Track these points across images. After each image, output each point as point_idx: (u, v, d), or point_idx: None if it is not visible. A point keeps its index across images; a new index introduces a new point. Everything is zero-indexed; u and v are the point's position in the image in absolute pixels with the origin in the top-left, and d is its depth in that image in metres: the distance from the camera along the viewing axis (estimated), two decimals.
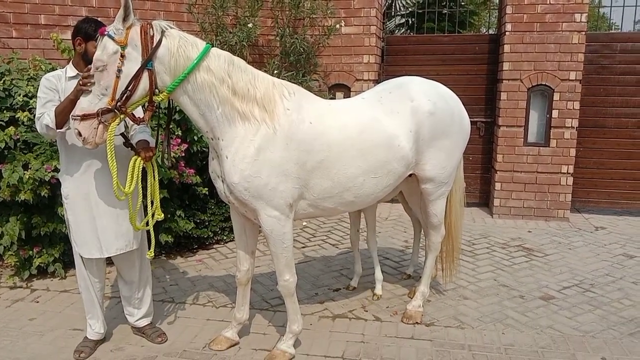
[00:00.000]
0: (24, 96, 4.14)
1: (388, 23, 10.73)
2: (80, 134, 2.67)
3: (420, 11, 8.18)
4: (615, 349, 3.40)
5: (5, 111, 4.18)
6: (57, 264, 4.48)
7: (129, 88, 2.63)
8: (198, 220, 5.15)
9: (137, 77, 2.63)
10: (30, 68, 4.58)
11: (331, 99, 6.31)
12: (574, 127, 6.22)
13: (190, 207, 5.17)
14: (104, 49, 2.60)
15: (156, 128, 3.14)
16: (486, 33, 7.18)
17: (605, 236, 5.88)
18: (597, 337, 3.55)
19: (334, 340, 3.51)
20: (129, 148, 2.99)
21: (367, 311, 3.96)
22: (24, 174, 3.94)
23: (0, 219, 4.26)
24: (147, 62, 2.62)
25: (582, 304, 4.08)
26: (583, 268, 4.87)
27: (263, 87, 2.86)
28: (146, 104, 2.77)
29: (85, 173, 3.06)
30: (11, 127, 4.10)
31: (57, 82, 3.02)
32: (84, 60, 2.99)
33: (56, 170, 3.86)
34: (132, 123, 2.99)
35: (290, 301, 3.21)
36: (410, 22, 11.01)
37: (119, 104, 2.64)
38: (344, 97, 6.65)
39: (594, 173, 6.64)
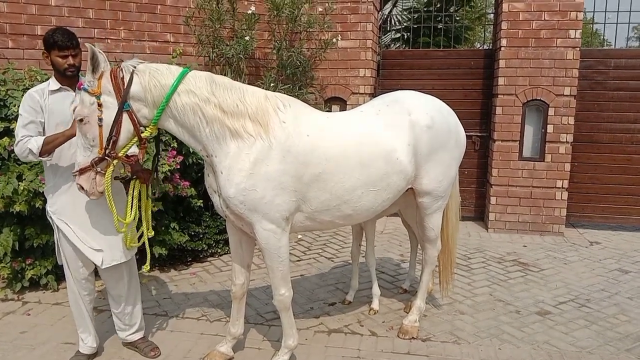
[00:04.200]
0: (19, 107, 4.10)
1: (383, 37, 10.79)
2: (82, 188, 2.76)
3: (416, 26, 8.22)
4: None
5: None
6: (50, 276, 4.42)
7: (113, 133, 2.70)
8: (192, 233, 5.12)
9: (117, 121, 2.69)
10: (25, 78, 4.56)
11: (327, 112, 6.34)
12: (568, 142, 6.25)
13: (184, 219, 5.14)
14: (82, 103, 2.69)
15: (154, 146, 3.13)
16: (481, 48, 7.23)
17: (600, 251, 5.88)
18: (594, 353, 3.53)
19: (329, 356, 3.47)
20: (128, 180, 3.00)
21: (363, 326, 3.93)
22: (19, 185, 3.92)
23: None
24: (123, 104, 2.68)
25: (578, 319, 4.07)
26: (578, 283, 4.86)
27: (255, 102, 2.86)
28: (138, 143, 2.80)
29: (72, 187, 3.03)
30: (5, 137, 4.07)
31: (40, 99, 3.01)
32: (57, 72, 3.01)
33: None
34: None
35: (285, 315, 3.17)
36: (405, 36, 11.08)
37: (107, 150, 2.71)
38: (340, 111, 6.66)
39: (588, 188, 6.67)
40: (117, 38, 5.66)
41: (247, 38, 5.66)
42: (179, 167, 4.57)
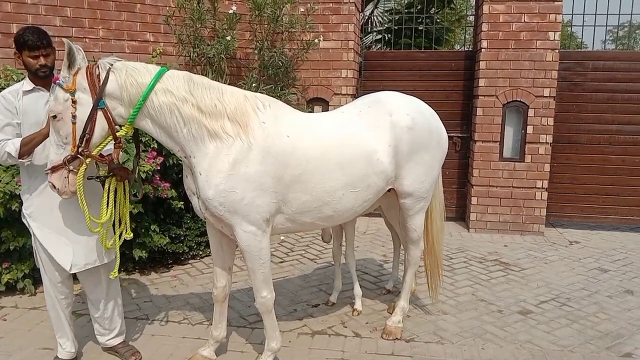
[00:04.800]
0: None
1: (365, 38, 10.81)
2: (54, 186, 2.69)
3: (397, 27, 8.24)
4: None
5: None
6: (27, 280, 4.33)
7: (87, 131, 2.64)
8: (173, 235, 5.05)
9: (91, 118, 2.64)
10: (1, 77, 4.45)
11: (309, 112, 6.31)
12: (548, 143, 6.32)
13: (165, 221, 5.07)
14: (56, 99, 2.63)
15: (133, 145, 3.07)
16: (462, 50, 7.27)
17: (580, 250, 5.96)
18: (575, 352, 3.56)
19: (313, 358, 3.45)
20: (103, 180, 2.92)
21: (346, 327, 3.91)
22: None
23: None
24: (98, 102, 2.63)
25: (559, 318, 4.10)
26: (559, 282, 4.91)
27: (234, 102, 2.82)
28: (113, 142, 2.75)
29: (47, 188, 2.94)
30: None
31: (14, 100, 2.93)
32: (30, 72, 2.94)
33: None
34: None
35: (268, 318, 3.14)
36: (386, 37, 11.11)
37: (80, 149, 2.65)
38: (322, 111, 6.65)
39: (567, 188, 6.75)
40: (96, 37, 5.56)
41: (228, 38, 5.61)
42: (159, 168, 4.50)
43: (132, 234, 3.09)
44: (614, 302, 4.45)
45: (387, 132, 3.20)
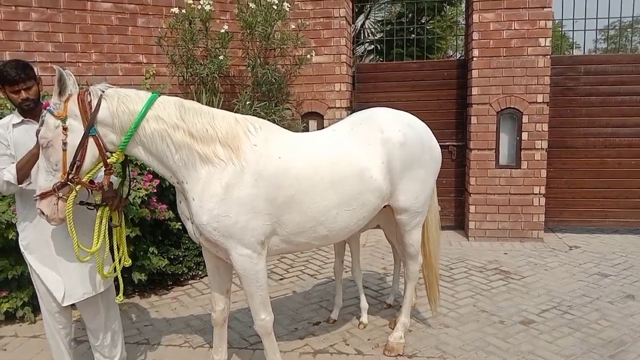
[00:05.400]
0: None
1: (357, 49, 10.85)
2: (43, 213, 2.66)
3: (388, 38, 8.27)
4: None
5: None
6: (27, 308, 4.31)
7: (77, 158, 2.61)
8: (172, 257, 5.03)
9: (82, 145, 2.61)
10: None
11: (304, 127, 6.34)
12: (543, 149, 6.33)
13: (163, 242, 5.06)
14: (47, 125, 2.59)
15: (122, 176, 3.05)
16: (454, 58, 7.30)
17: (580, 255, 5.95)
18: None
19: None
20: (95, 207, 2.90)
21: (348, 345, 3.89)
22: None
23: None
24: (89, 129, 2.60)
25: (561, 327, 4.09)
26: (560, 289, 4.90)
27: (225, 126, 2.82)
28: (103, 169, 2.73)
29: (41, 219, 2.95)
30: None
31: (5, 133, 2.92)
32: (15, 106, 2.93)
33: None
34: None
35: (268, 340, 3.13)
36: (379, 47, 11.16)
37: (70, 176, 2.61)
38: (317, 125, 6.67)
39: (565, 193, 6.75)
40: (89, 61, 5.59)
41: (221, 57, 5.63)
42: (155, 190, 4.50)
43: (130, 261, 3.08)
44: (615, 307, 4.44)
45: (379, 148, 3.20)
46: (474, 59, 6.30)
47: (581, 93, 6.58)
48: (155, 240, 4.97)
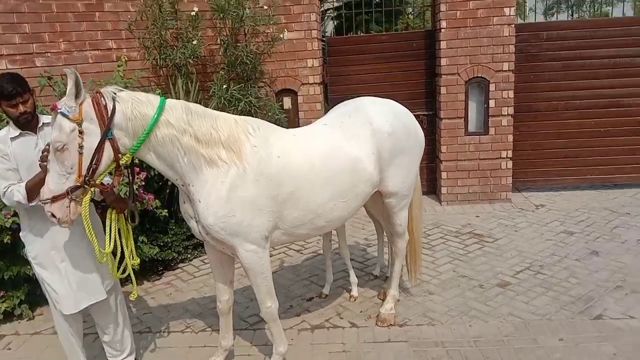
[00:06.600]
0: None
1: (325, 22, 10.79)
2: (54, 216, 2.67)
3: (353, 12, 8.26)
4: (570, 329, 3.77)
5: None
6: (24, 306, 4.39)
7: (94, 162, 2.64)
8: (161, 243, 5.15)
9: (99, 149, 2.64)
10: None
11: (280, 105, 6.40)
12: (509, 115, 6.62)
13: (151, 230, 5.16)
14: (61, 129, 2.58)
15: (129, 181, 3.12)
16: (422, 30, 7.41)
17: (546, 214, 6.35)
18: (553, 320, 3.91)
19: (317, 353, 3.68)
20: (99, 206, 3.00)
21: (342, 318, 4.15)
22: None
23: None
24: (107, 132, 2.63)
25: (535, 287, 4.45)
26: (530, 249, 5.26)
27: (226, 128, 2.91)
28: (113, 169, 2.78)
29: (49, 229, 3.04)
30: None
31: (5, 147, 2.94)
32: (12, 120, 2.95)
33: (16, 214, 3.76)
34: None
35: (274, 325, 3.34)
36: (344, 15, 11.11)
37: (87, 179, 2.65)
38: (292, 102, 6.75)
39: (530, 154, 7.10)
40: (58, 50, 5.47)
41: (194, 42, 5.60)
42: (143, 183, 4.57)
43: (138, 260, 3.21)
44: (581, 265, 4.83)
45: (369, 140, 3.37)
46: (442, 30, 6.44)
47: (543, 59, 6.84)
48: (144, 228, 5.06)
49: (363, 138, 3.36)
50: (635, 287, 4.32)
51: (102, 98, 2.64)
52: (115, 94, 2.69)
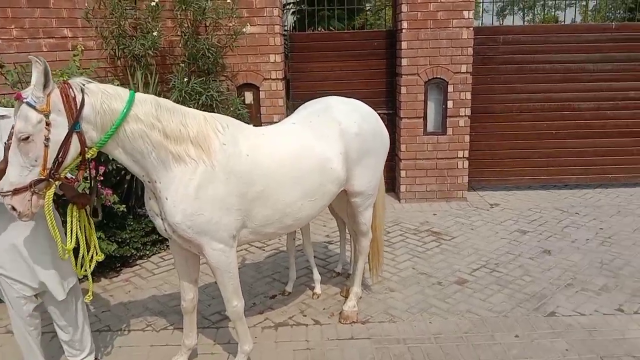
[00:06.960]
0: None
1: (286, 18, 10.72)
2: (14, 209, 2.56)
3: (316, 8, 8.25)
4: (525, 326, 3.92)
5: None
6: None
7: (60, 155, 2.55)
8: (119, 240, 5.02)
9: (67, 142, 2.54)
10: None
11: (241, 100, 6.34)
12: (467, 116, 6.80)
13: (108, 226, 5.02)
14: (27, 120, 2.46)
15: (87, 176, 3.03)
16: (384, 30, 7.50)
17: (500, 213, 6.57)
18: (509, 317, 4.06)
19: (281, 351, 3.69)
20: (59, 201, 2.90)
21: (305, 316, 4.17)
22: None
23: None
24: (75, 125, 2.54)
25: (491, 285, 4.60)
26: (486, 247, 5.44)
27: (196, 125, 2.87)
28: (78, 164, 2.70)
29: (8, 224, 2.91)
30: None
31: None
32: None
33: None
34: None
35: (240, 323, 3.32)
36: (303, 9, 11.08)
37: (52, 172, 2.56)
38: (254, 96, 6.70)
39: (485, 154, 7.32)
40: (10, 37, 5.21)
41: (155, 33, 5.47)
42: (102, 178, 4.43)
43: (103, 256, 3.13)
44: (535, 263, 5.03)
45: (337, 140, 3.40)
46: (403, 30, 6.54)
47: (499, 61, 7.06)
48: (100, 223, 4.91)
49: (332, 138, 3.38)
50: (585, 285, 4.54)
51: (70, 89, 2.54)
52: (84, 85, 2.60)
